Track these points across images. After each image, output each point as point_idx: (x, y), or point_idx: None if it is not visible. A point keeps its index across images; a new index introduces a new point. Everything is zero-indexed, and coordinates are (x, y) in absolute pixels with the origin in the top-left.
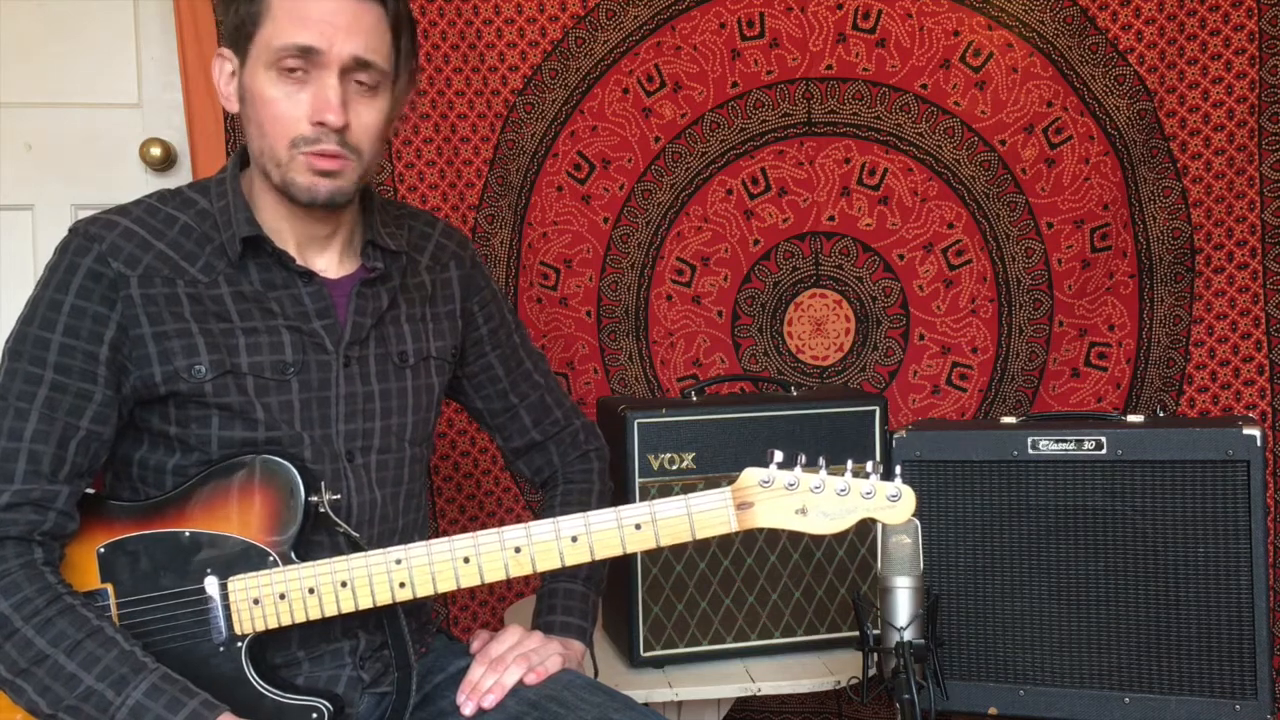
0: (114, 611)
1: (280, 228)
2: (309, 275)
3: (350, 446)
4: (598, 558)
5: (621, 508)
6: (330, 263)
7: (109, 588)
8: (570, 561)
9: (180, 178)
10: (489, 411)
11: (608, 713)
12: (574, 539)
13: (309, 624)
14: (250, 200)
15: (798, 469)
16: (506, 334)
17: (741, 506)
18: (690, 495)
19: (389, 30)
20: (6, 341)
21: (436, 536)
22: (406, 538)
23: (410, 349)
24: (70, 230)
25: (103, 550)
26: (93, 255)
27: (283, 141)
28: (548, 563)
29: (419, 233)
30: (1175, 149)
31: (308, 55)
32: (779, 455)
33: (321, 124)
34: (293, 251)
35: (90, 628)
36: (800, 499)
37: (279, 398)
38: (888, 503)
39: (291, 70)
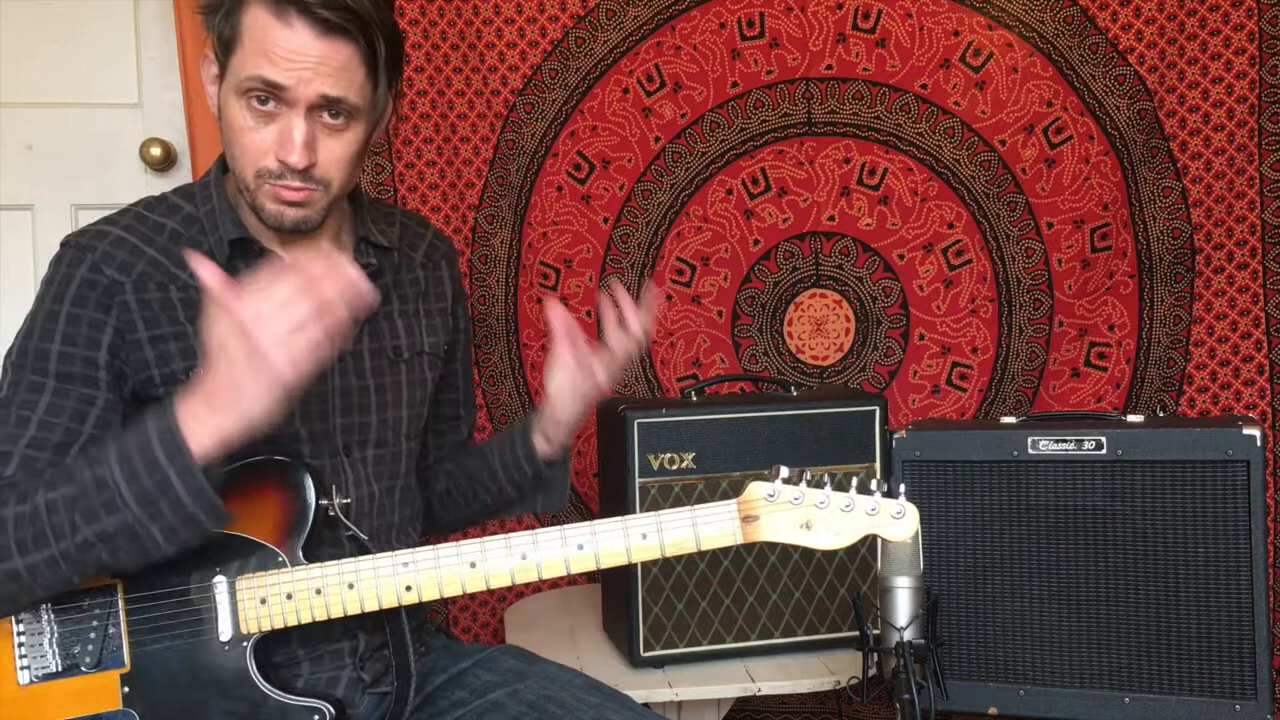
0: (122, 607)
1: (266, 229)
2: None
3: (347, 440)
4: (603, 566)
5: (628, 517)
6: (318, 259)
7: (117, 584)
8: (575, 569)
9: (180, 178)
10: (435, 416)
11: (605, 713)
12: (580, 547)
13: (310, 624)
14: (235, 202)
15: (803, 484)
16: (469, 348)
17: (747, 520)
18: (696, 507)
19: (362, 65)
20: (8, 355)
21: (435, 536)
22: (403, 531)
23: (404, 344)
24: (62, 244)
25: None
26: (86, 265)
27: (249, 170)
28: (553, 570)
29: (413, 231)
30: (1175, 149)
31: (274, 90)
32: (785, 470)
33: (283, 162)
34: (279, 250)
35: (57, 467)
36: (805, 514)
37: None
38: (891, 520)
39: (262, 100)
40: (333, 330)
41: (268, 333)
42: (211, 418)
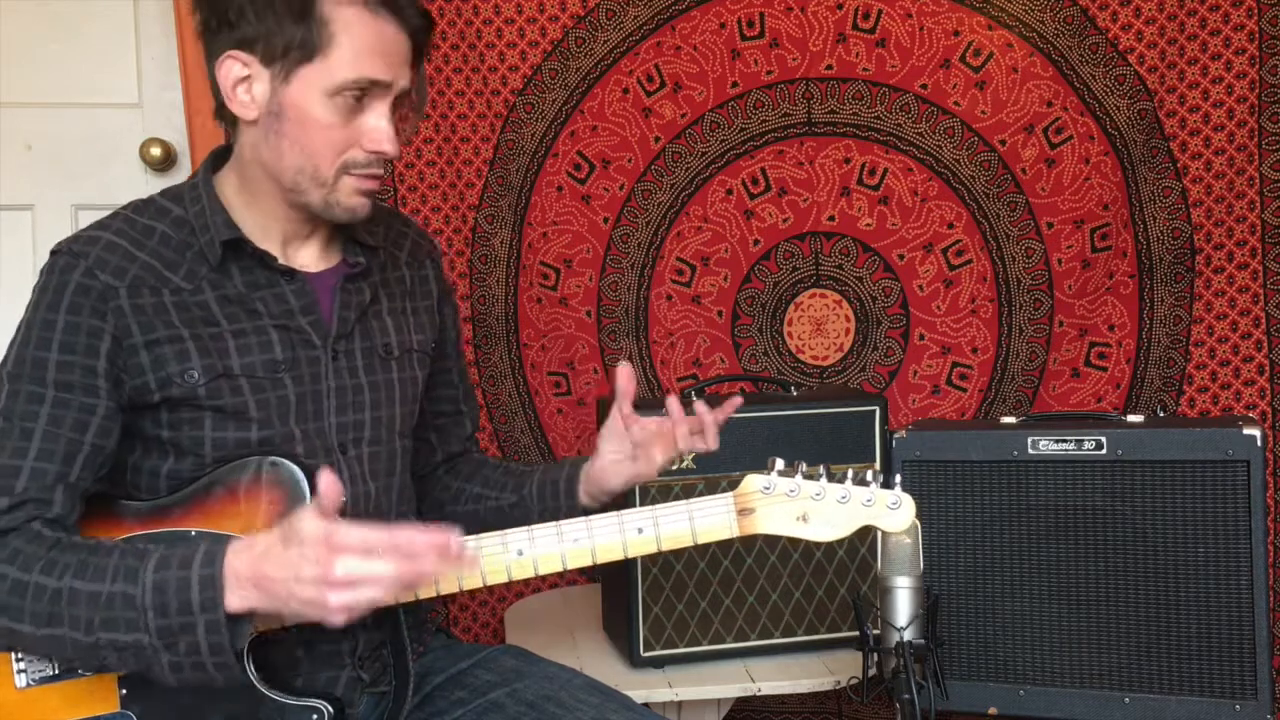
0: None
1: (267, 226)
2: (291, 273)
3: (342, 439)
4: (599, 561)
5: (624, 512)
6: (312, 257)
7: None
8: (572, 565)
9: (180, 177)
10: (435, 413)
11: (605, 713)
12: (576, 541)
13: (308, 624)
14: (227, 202)
15: (799, 476)
16: (460, 345)
17: (743, 512)
18: (693, 501)
19: (412, 54)
20: (3, 364)
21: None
22: None
23: (394, 341)
24: (53, 252)
25: None
26: (80, 270)
27: (332, 164)
28: (549, 566)
29: (396, 230)
30: (1175, 149)
31: (372, 87)
32: (780, 463)
33: (379, 153)
34: (276, 248)
35: (88, 547)
36: (801, 506)
37: (274, 394)
38: (887, 510)
39: (358, 98)
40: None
41: (344, 597)
42: (252, 592)
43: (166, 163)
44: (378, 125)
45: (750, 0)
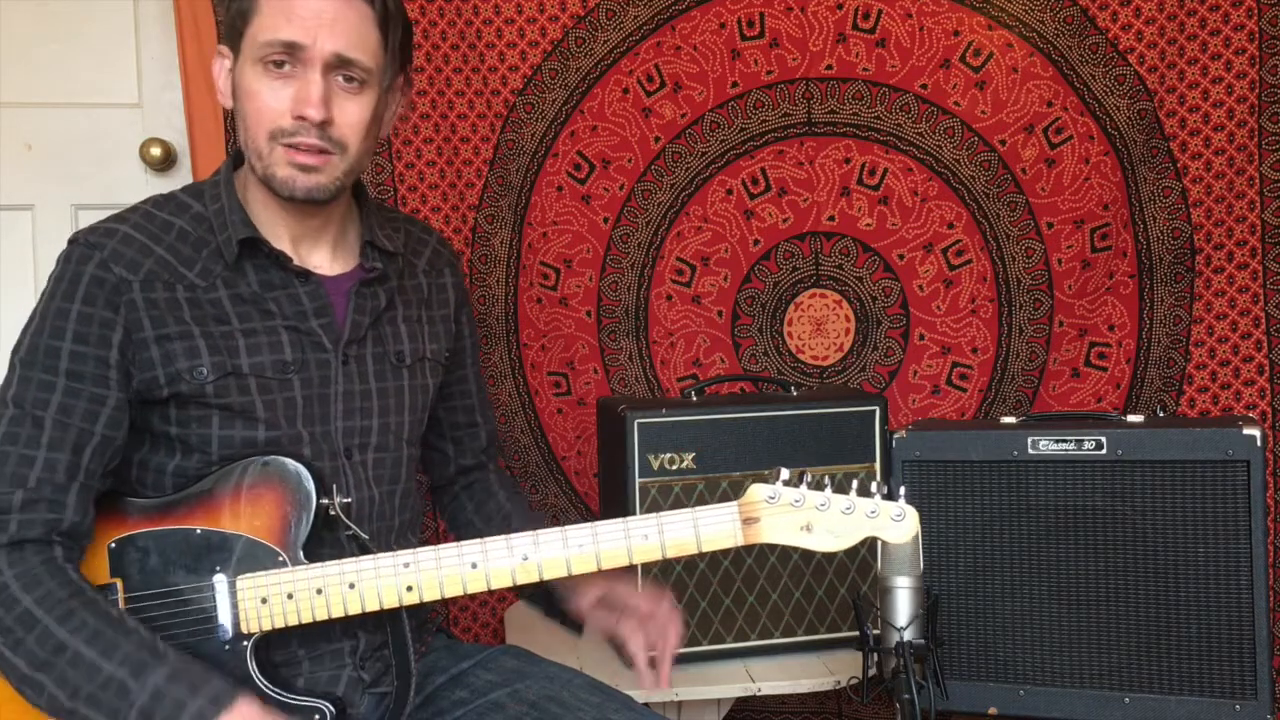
0: (122, 607)
1: (275, 225)
2: (306, 275)
3: (349, 443)
4: (604, 567)
5: (629, 519)
6: (324, 259)
7: (118, 583)
8: (576, 570)
9: (180, 178)
10: (451, 424)
11: (606, 713)
12: (581, 548)
13: (310, 624)
14: (245, 200)
15: (804, 486)
16: (478, 355)
17: (747, 521)
18: (697, 510)
19: (376, 28)
20: (15, 352)
21: (436, 539)
22: (402, 535)
23: (407, 349)
24: (70, 241)
25: (113, 545)
26: (95, 262)
27: (263, 133)
28: (554, 571)
29: (416, 238)
30: (1175, 149)
31: (292, 51)
32: (785, 473)
33: (302, 118)
34: (288, 249)
35: (111, 618)
36: (805, 516)
37: (282, 395)
38: (891, 522)
39: (278, 65)
40: None
41: None
42: None
43: (166, 163)
44: (300, 89)
45: (750, 0)
